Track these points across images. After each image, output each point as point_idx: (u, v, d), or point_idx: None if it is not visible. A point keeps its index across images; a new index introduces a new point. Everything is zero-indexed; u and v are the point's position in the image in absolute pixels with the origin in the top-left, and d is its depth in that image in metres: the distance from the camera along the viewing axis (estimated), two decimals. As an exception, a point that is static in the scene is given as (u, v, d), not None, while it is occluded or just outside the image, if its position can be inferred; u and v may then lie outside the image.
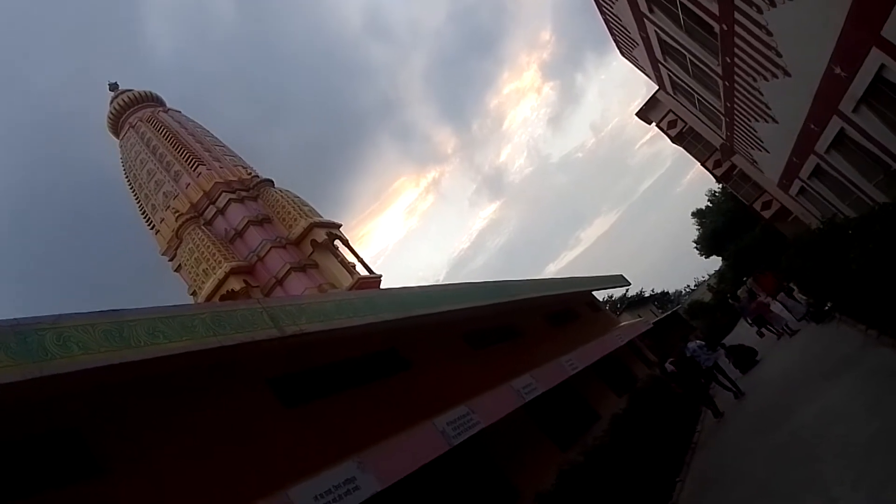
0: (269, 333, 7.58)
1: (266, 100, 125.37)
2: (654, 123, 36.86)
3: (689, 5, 10.90)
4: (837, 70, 8.61)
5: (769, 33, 9.28)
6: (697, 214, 53.72)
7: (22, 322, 5.60)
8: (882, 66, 7.48)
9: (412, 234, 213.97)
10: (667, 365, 20.26)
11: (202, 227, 22.32)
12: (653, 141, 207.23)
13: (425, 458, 8.63)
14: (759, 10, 8.82)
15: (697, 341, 24.88)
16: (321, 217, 23.68)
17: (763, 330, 20.37)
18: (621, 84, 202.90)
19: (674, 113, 34.18)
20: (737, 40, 10.53)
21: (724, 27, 10.38)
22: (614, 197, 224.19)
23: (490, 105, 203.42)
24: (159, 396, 7.10)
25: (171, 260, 23.76)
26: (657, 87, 29.55)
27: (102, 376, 6.06)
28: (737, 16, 9.58)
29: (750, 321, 21.30)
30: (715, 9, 10.05)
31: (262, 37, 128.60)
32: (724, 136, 20.57)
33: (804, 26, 8.30)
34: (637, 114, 37.60)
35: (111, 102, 26.10)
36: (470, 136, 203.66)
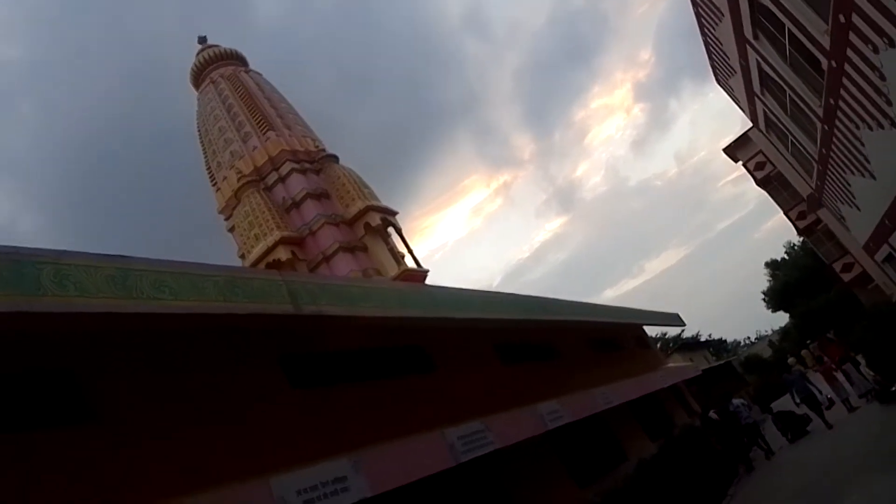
0: (284, 309, 7.16)
1: (354, 75, 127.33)
2: (741, 162, 35.26)
3: (799, 35, 9.95)
4: (957, 128, 7.61)
5: (882, 77, 8.31)
6: (771, 265, 51.42)
7: (22, 251, 5.29)
8: None
9: (474, 234, 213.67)
10: (711, 413, 19.28)
11: (261, 192, 22.34)
12: (738, 181, 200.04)
13: (426, 471, 8.07)
14: (876, 50, 7.88)
15: (741, 399, 23.77)
16: (379, 201, 23.39)
17: (810, 414, 16.78)
18: (714, 117, 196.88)
19: (763, 154, 32.53)
20: (845, 80, 9.54)
21: (834, 64, 9.41)
22: (687, 231, 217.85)
23: (576, 117, 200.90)
24: (162, 353, 6.78)
25: (226, 219, 23.94)
26: (750, 125, 28.14)
27: (102, 322, 5.76)
28: (849, 53, 8.63)
29: (798, 400, 16.87)
30: (826, 42, 9.10)
31: (362, 13, 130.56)
32: (813, 186, 19.20)
33: (927, 73, 7.36)
34: (725, 150, 36.04)
35: (197, 55, 26.50)
36: (549, 145, 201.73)
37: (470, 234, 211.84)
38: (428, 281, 22.39)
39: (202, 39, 27.81)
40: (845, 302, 33.26)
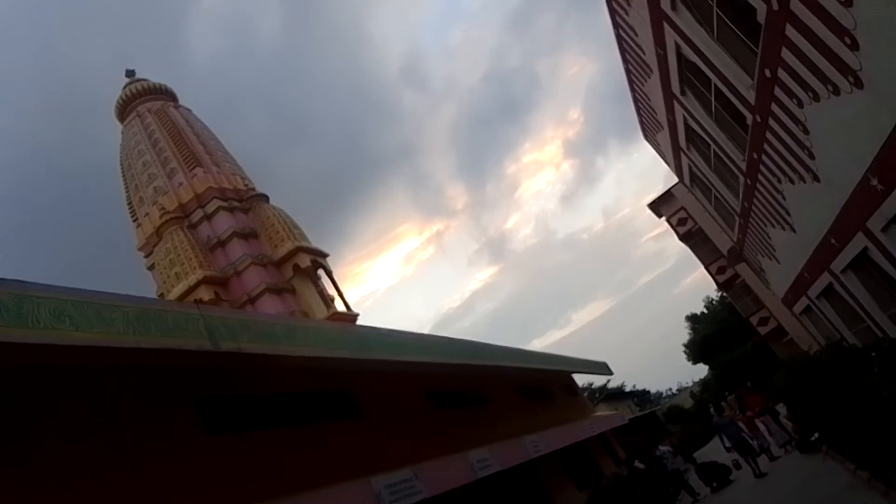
0: (200, 345, 6.62)
1: (290, 120, 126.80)
2: (664, 217, 36.50)
3: (725, 90, 10.33)
4: (874, 182, 7.92)
5: (806, 131, 8.65)
6: (691, 319, 53.22)
7: None
8: (928, 182, 6.79)
9: (406, 281, 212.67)
10: (636, 463, 19.34)
11: (185, 230, 21.44)
12: (660, 237, 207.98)
13: (350, 522, 7.59)
14: (800, 104, 8.20)
15: (667, 447, 24.18)
16: (310, 242, 22.84)
17: (740, 461, 16.34)
18: (639, 175, 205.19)
19: (686, 210, 33.85)
20: (768, 135, 9.92)
21: (758, 119, 9.78)
22: (612, 285, 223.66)
23: (508, 170, 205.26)
24: (57, 392, 6.14)
25: (146, 256, 22.82)
26: (674, 182, 29.23)
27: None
28: (773, 108, 8.97)
29: (728, 445, 16.07)
30: (752, 98, 9.46)
31: (299, 58, 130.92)
32: (734, 239, 19.92)
33: (846, 127, 7.66)
34: (650, 205, 37.32)
35: (124, 88, 25.61)
36: (482, 197, 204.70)
37: (402, 282, 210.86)
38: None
39: (130, 73, 26.96)
40: (761, 354, 34.49)
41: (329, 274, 23.12)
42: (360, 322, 22.38)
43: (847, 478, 10.03)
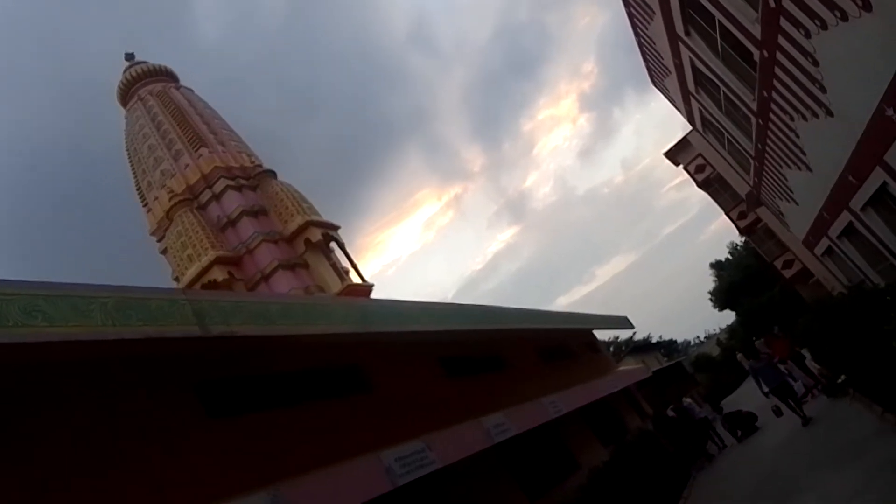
0: (187, 331, 6.45)
1: (299, 93, 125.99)
2: (681, 166, 35.64)
3: (730, 27, 9.76)
4: (890, 112, 7.42)
5: (815, 63, 8.12)
6: (716, 266, 52.33)
7: None
8: (947, 108, 6.30)
9: (427, 247, 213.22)
10: (669, 411, 19.24)
11: (194, 211, 21.38)
12: (681, 186, 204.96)
13: (360, 498, 7.44)
14: (808, 35, 7.67)
15: (689, 400, 23.94)
16: (320, 216, 22.67)
17: (781, 406, 14.65)
18: (658, 125, 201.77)
19: (703, 157, 32.98)
20: (777, 70, 9.37)
21: (766, 54, 9.23)
22: (635, 237, 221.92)
23: (523, 128, 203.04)
24: (55, 385, 6.04)
25: (158, 241, 22.86)
26: (690, 129, 28.42)
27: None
28: (780, 40, 8.43)
29: (767, 390, 14.20)
30: (757, 32, 8.91)
31: (306, 31, 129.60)
32: (751, 183, 19.30)
33: (857, 55, 7.15)
34: (666, 154, 36.39)
35: (124, 72, 25.40)
36: (499, 157, 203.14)
37: (423, 248, 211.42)
38: (382, 296, 21.78)
39: (129, 56, 26.72)
40: (788, 298, 33.83)
41: (342, 246, 23.00)
42: (385, 291, 22.45)
43: (874, 422, 9.74)
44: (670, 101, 19.49)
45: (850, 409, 11.85)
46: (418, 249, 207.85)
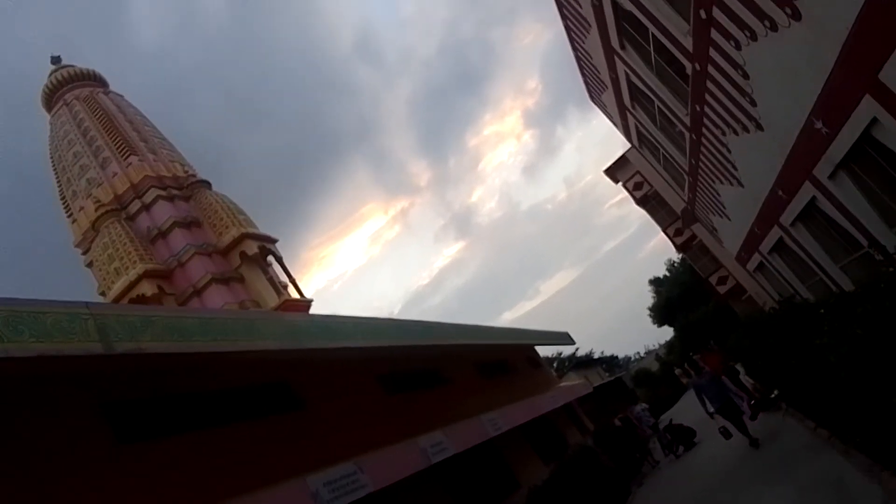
0: (88, 348, 5.90)
1: (243, 101, 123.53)
2: (620, 183, 36.24)
3: (663, 40, 9.81)
4: (818, 125, 7.50)
5: (745, 76, 8.18)
6: (654, 282, 53.49)
7: None
8: (873, 121, 6.34)
9: (373, 262, 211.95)
10: (615, 420, 19.31)
11: (122, 222, 20.38)
12: (622, 203, 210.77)
13: (282, 527, 7.00)
14: (738, 46, 7.71)
15: (642, 404, 24.16)
16: (256, 228, 21.96)
17: (729, 427, 12.67)
18: (599, 142, 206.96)
19: (641, 174, 33.65)
20: (709, 84, 9.44)
21: (698, 67, 9.29)
22: (578, 253, 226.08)
23: (469, 144, 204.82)
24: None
25: (84, 253, 21.70)
26: (629, 147, 28.88)
27: None
28: (712, 53, 8.48)
29: (712, 409, 12.63)
30: (689, 45, 8.96)
31: (250, 37, 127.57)
32: (686, 199, 19.62)
33: (786, 67, 7.19)
34: (605, 171, 36.99)
35: (49, 76, 24.20)
36: (445, 172, 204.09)
37: (369, 262, 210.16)
38: (328, 311, 21.13)
39: (56, 59, 25.51)
40: (722, 314, 34.66)
41: (280, 260, 22.32)
42: (328, 306, 21.84)
43: (807, 436, 9.81)
44: (608, 117, 19.70)
45: (783, 423, 11.97)
46: (364, 264, 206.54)
